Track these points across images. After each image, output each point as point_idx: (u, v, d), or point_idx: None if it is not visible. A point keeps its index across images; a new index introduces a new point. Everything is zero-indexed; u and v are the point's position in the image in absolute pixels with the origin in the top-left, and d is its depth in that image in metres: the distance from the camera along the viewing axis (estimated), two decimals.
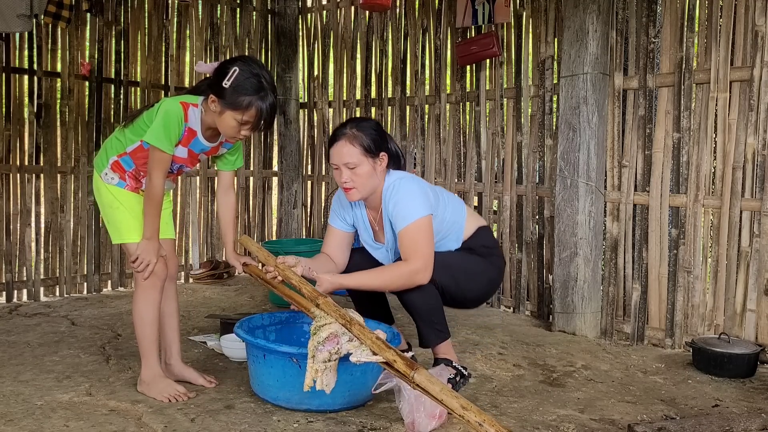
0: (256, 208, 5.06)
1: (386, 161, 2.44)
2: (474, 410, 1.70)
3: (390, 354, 1.89)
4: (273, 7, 5.07)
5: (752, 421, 2.14)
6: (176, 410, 2.19)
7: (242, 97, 2.14)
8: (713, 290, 3.05)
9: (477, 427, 1.66)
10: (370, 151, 2.38)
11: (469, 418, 1.69)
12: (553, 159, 3.59)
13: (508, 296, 3.89)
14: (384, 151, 2.43)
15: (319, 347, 1.99)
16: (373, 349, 1.93)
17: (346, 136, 2.38)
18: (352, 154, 2.36)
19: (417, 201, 2.36)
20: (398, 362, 1.86)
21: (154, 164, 2.22)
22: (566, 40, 3.32)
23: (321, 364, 1.99)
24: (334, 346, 1.99)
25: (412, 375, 1.81)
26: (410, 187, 2.40)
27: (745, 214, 2.93)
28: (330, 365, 2.00)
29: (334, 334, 2.00)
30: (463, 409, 1.71)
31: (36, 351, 2.83)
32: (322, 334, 2.00)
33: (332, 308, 2.06)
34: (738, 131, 2.95)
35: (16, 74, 3.84)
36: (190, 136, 2.28)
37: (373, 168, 2.40)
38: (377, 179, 2.43)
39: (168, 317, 2.48)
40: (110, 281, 4.23)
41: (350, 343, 1.99)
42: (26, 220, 3.88)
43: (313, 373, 1.99)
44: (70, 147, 4.03)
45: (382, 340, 1.95)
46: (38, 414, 2.13)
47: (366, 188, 2.41)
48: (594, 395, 2.48)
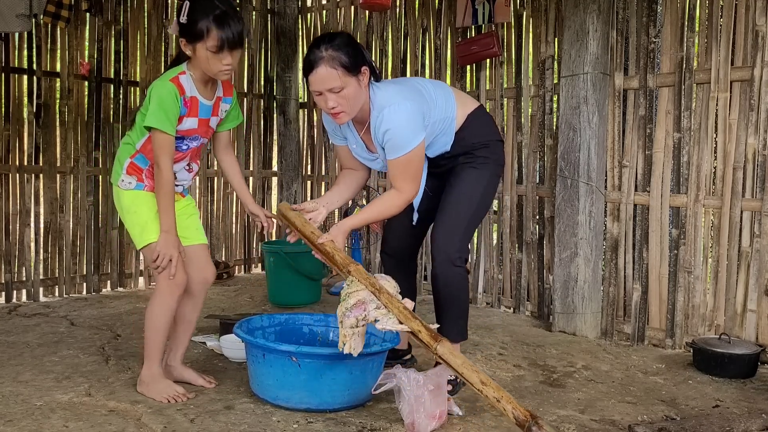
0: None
1: (368, 75, 2.30)
2: (493, 386, 1.75)
3: (416, 324, 1.94)
4: (273, 6, 5.06)
5: (753, 422, 2.14)
6: (176, 411, 2.18)
7: (199, 25, 2.11)
8: (714, 290, 3.04)
9: (495, 403, 1.71)
10: (352, 69, 2.23)
11: (488, 393, 1.74)
12: (553, 159, 3.58)
13: (508, 296, 3.88)
14: (363, 64, 2.27)
15: (347, 313, 2.04)
16: (400, 318, 1.97)
17: (323, 60, 2.22)
18: (335, 77, 2.21)
19: (407, 131, 2.27)
20: (423, 333, 1.92)
21: (159, 149, 2.19)
22: (566, 40, 3.32)
23: (348, 329, 2.04)
24: (361, 313, 2.03)
25: (435, 347, 1.86)
26: (399, 117, 2.26)
27: (745, 214, 2.93)
28: (357, 331, 2.04)
29: (361, 301, 2.04)
30: (482, 384, 1.76)
31: (35, 351, 2.83)
32: (350, 301, 2.05)
33: (363, 275, 2.10)
34: (738, 131, 2.94)
35: (15, 74, 3.84)
36: (193, 104, 2.25)
37: (359, 85, 2.26)
38: (363, 96, 2.30)
39: (186, 323, 2.45)
40: (109, 281, 4.23)
41: (377, 310, 2.03)
42: (25, 220, 3.88)
43: (342, 338, 2.04)
44: (69, 147, 4.02)
45: (408, 310, 1.99)
46: (38, 414, 2.13)
47: (354, 108, 2.30)
48: (594, 396, 2.48)
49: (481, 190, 2.50)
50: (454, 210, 2.46)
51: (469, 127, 2.49)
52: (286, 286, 3.86)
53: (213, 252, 4.77)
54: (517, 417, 1.73)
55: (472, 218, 2.49)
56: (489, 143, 2.52)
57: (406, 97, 2.31)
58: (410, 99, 2.31)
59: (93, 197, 4.12)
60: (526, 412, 1.73)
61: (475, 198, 2.48)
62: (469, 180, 2.49)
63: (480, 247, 3.98)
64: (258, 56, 5.01)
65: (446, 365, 1.87)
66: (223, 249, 4.85)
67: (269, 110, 5.11)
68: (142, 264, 4.44)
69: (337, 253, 2.22)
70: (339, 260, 2.20)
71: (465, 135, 2.49)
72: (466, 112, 2.51)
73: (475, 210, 2.49)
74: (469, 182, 2.49)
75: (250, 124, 4.97)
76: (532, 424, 1.71)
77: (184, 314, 2.42)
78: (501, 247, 3.90)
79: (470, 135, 2.49)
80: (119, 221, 4.23)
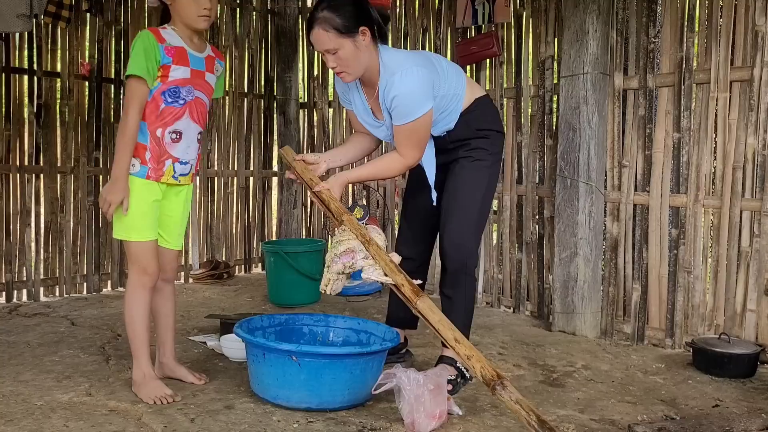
0: (256, 208, 5.06)
1: (368, 35, 2.28)
2: (466, 344, 1.85)
3: (399, 278, 2.01)
4: (273, 7, 5.07)
5: (752, 422, 2.14)
6: (176, 410, 2.19)
7: None
8: (713, 290, 3.04)
9: (465, 360, 1.81)
10: (347, 31, 2.23)
11: (459, 350, 1.84)
12: (553, 159, 3.59)
13: (508, 296, 3.89)
14: (364, 25, 2.26)
15: (335, 259, 2.10)
16: (386, 270, 2.03)
17: (318, 21, 2.24)
18: (329, 39, 2.23)
19: (416, 98, 2.26)
20: (405, 286, 1.99)
21: (128, 96, 2.19)
22: (566, 40, 3.32)
23: (334, 274, 2.10)
24: (349, 260, 2.09)
25: (416, 302, 1.93)
26: (409, 83, 2.25)
27: (745, 214, 2.93)
28: (342, 277, 2.11)
29: (351, 249, 2.10)
30: (455, 341, 1.85)
31: (36, 351, 2.83)
32: (340, 248, 2.11)
33: (354, 226, 2.15)
34: (738, 131, 2.94)
35: (15, 74, 3.84)
36: (180, 53, 2.25)
37: (355, 47, 2.25)
38: (365, 56, 2.29)
39: (163, 317, 2.48)
40: (110, 281, 4.23)
41: (365, 260, 2.09)
42: (26, 220, 3.88)
43: (326, 280, 2.12)
44: (69, 147, 4.03)
45: (394, 264, 2.05)
46: (38, 414, 2.13)
47: (356, 68, 2.30)
48: (594, 395, 2.48)
49: (482, 191, 2.52)
50: (460, 216, 2.47)
51: (475, 111, 2.50)
52: (286, 286, 3.86)
53: (213, 252, 4.77)
54: (484, 375, 1.81)
55: (478, 222, 2.51)
56: (491, 133, 2.53)
57: (417, 63, 2.31)
58: (422, 65, 2.30)
59: (93, 197, 4.12)
60: (493, 372, 1.81)
61: (476, 202, 2.50)
62: (470, 181, 2.49)
63: (480, 247, 3.99)
64: (258, 56, 5.01)
65: (424, 320, 1.94)
66: (223, 249, 4.85)
67: (269, 110, 5.11)
68: None
69: (333, 202, 2.27)
70: (334, 208, 2.26)
71: (470, 118, 2.49)
72: (474, 95, 2.52)
73: (479, 215, 2.51)
74: (470, 184, 2.49)
75: (250, 124, 4.97)
76: (497, 383, 1.78)
77: (158, 309, 2.45)
78: (501, 247, 3.91)
79: (475, 119, 2.49)
80: None
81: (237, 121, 4.89)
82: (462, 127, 2.49)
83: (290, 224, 5.11)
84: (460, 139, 2.51)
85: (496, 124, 2.56)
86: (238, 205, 4.93)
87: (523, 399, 1.86)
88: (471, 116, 2.49)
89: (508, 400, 1.73)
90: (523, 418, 1.79)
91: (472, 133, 2.49)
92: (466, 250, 2.49)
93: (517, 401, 1.74)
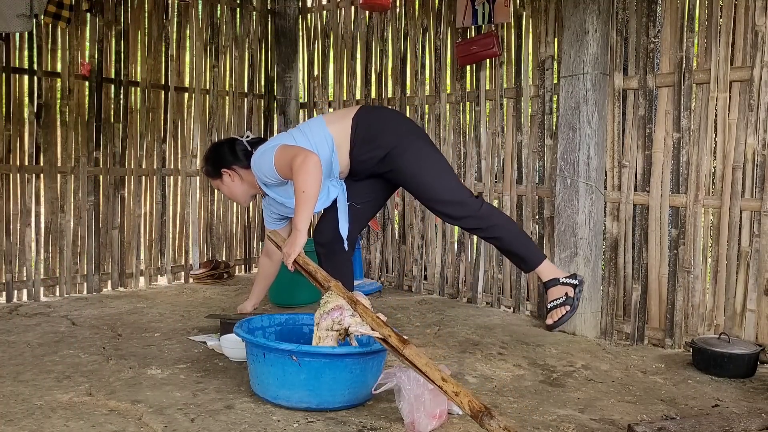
0: (256, 208, 5.06)
1: (231, 173, 2.85)
2: (452, 383, 1.90)
3: (386, 330, 2.10)
4: (273, 7, 5.07)
5: (752, 421, 2.14)
6: (176, 410, 2.19)
7: None
8: (713, 290, 3.05)
9: (453, 396, 1.87)
10: (213, 175, 2.89)
11: (447, 389, 1.90)
12: (553, 159, 3.59)
13: (507, 296, 3.89)
14: (225, 167, 2.84)
15: (324, 316, 2.22)
16: (372, 326, 2.15)
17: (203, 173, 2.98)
18: (211, 181, 2.95)
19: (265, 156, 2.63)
20: (392, 337, 2.07)
21: None
22: (566, 40, 3.32)
23: (324, 331, 2.21)
24: (338, 316, 2.20)
25: (403, 350, 2.01)
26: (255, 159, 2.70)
27: (745, 214, 2.94)
28: (331, 334, 2.21)
29: (339, 306, 2.22)
30: (442, 380, 1.91)
31: (36, 351, 2.83)
32: (328, 306, 2.23)
33: (341, 290, 2.28)
34: (738, 131, 2.95)
35: (16, 74, 3.84)
36: None
37: (225, 184, 2.88)
38: (239, 186, 2.87)
39: None
40: (110, 281, 4.23)
41: (352, 318, 2.20)
42: (26, 220, 3.88)
43: (316, 339, 2.22)
44: (70, 147, 4.03)
45: (381, 320, 2.16)
46: (38, 414, 2.13)
47: (237, 197, 2.92)
48: (594, 395, 2.48)
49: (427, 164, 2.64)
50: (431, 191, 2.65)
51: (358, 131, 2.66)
52: (286, 286, 3.86)
53: (213, 252, 4.78)
54: (472, 408, 1.84)
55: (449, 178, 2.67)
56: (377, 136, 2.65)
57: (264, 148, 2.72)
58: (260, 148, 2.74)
59: (94, 197, 4.12)
60: (481, 405, 1.85)
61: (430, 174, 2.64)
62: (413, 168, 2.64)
63: (480, 247, 3.99)
64: (258, 56, 5.01)
65: (411, 366, 2.00)
66: (223, 249, 4.86)
67: (269, 110, 5.11)
68: (143, 264, 4.46)
69: (319, 272, 2.41)
70: (320, 277, 2.39)
71: (359, 139, 2.65)
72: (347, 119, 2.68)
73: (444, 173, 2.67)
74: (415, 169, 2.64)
75: (250, 124, 4.97)
76: (485, 413, 1.82)
77: None
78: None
79: (364, 138, 2.65)
80: (119, 221, 4.24)
81: (237, 122, 4.90)
82: (359, 164, 2.69)
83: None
84: (372, 158, 2.66)
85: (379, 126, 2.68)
86: (238, 205, 4.93)
87: (512, 425, 1.93)
88: (359, 138, 2.65)
89: (497, 427, 1.78)
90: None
91: (374, 146, 2.65)
92: (459, 200, 2.63)
93: (506, 428, 1.78)
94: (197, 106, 4.62)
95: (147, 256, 4.46)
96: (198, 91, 4.62)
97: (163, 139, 4.45)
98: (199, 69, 4.62)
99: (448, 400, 2.17)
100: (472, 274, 4.05)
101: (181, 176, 4.57)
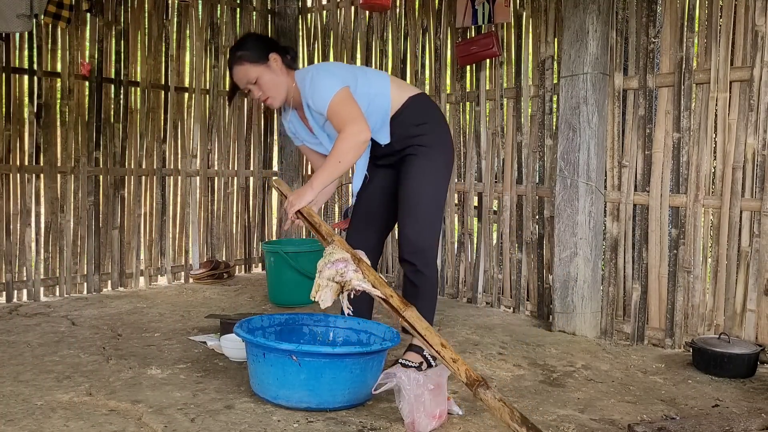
0: (256, 208, 5.06)
1: (279, 59, 2.52)
2: (450, 350, 1.92)
3: (389, 290, 2.09)
4: (273, 7, 5.07)
5: (752, 421, 2.14)
6: (176, 410, 2.19)
7: None
8: (713, 290, 3.05)
9: (450, 363, 1.89)
10: (259, 60, 2.49)
11: (445, 355, 1.92)
12: (553, 159, 3.59)
13: (507, 296, 3.89)
14: (272, 51, 2.52)
15: (328, 265, 2.14)
16: (374, 284, 2.11)
17: (234, 61, 2.52)
18: (246, 71, 2.50)
19: (327, 81, 2.42)
20: (394, 298, 2.07)
21: None
22: (566, 40, 3.32)
23: (325, 280, 2.14)
24: (342, 267, 2.13)
25: (404, 311, 2.02)
26: (319, 73, 2.47)
27: (745, 214, 2.93)
28: (332, 285, 2.14)
29: (344, 258, 2.15)
30: (441, 346, 1.93)
31: (36, 351, 2.83)
32: (334, 256, 2.16)
33: (345, 246, 2.22)
34: (738, 131, 2.95)
35: (16, 74, 3.84)
36: None
37: (271, 71, 2.51)
38: (282, 78, 2.53)
39: None
40: (110, 281, 4.23)
41: (355, 273, 2.14)
42: (26, 220, 3.88)
43: (316, 286, 2.15)
44: (70, 147, 4.03)
45: (382, 279, 2.13)
46: (38, 414, 2.13)
47: (278, 92, 2.53)
48: (594, 395, 2.48)
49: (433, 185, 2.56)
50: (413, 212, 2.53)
51: (409, 107, 2.57)
52: (286, 286, 3.86)
53: (213, 252, 4.77)
54: (469, 377, 1.88)
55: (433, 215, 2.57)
56: (428, 127, 2.58)
57: (327, 66, 2.57)
58: (324, 64, 2.57)
59: (94, 197, 4.12)
60: (478, 375, 1.87)
61: (428, 196, 2.55)
62: (419, 177, 2.55)
63: (480, 247, 3.99)
64: None
65: (411, 329, 2.01)
66: (223, 249, 4.86)
67: (269, 110, 5.11)
68: (143, 264, 4.46)
69: (323, 225, 2.32)
70: (324, 230, 2.30)
71: (405, 115, 2.56)
72: (407, 94, 2.60)
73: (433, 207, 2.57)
74: (420, 179, 2.55)
75: (250, 124, 4.97)
76: (481, 384, 1.84)
77: None
78: (501, 247, 3.91)
79: (410, 114, 2.57)
80: (119, 221, 4.24)
81: (237, 121, 4.90)
82: (398, 127, 2.56)
83: None
84: (401, 138, 2.57)
85: (433, 117, 2.62)
86: (238, 205, 4.94)
87: (505, 398, 1.91)
88: (405, 113, 2.56)
89: (492, 398, 1.79)
90: (506, 415, 1.82)
91: (411, 129, 2.56)
92: (423, 242, 2.54)
93: (500, 399, 1.79)
94: (197, 106, 4.62)
95: (147, 256, 4.46)
96: (198, 91, 4.62)
97: (163, 139, 4.45)
98: (199, 69, 4.62)
99: (448, 399, 2.18)
100: (472, 274, 4.05)
101: (181, 176, 4.57)
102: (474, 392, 1.83)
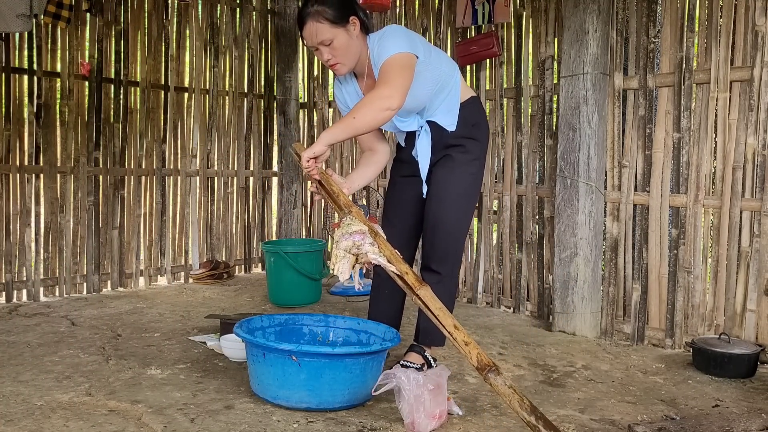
0: (256, 208, 5.06)
1: (358, 24, 2.34)
2: (463, 332, 1.90)
3: (404, 266, 2.06)
4: (273, 6, 5.07)
5: (752, 422, 2.14)
6: (176, 410, 2.19)
7: None
8: (713, 290, 3.05)
9: (462, 346, 1.86)
10: (339, 21, 2.30)
11: (457, 336, 1.89)
12: (553, 159, 3.59)
13: (507, 296, 3.89)
14: (352, 14, 2.33)
15: (345, 236, 2.10)
16: (390, 259, 2.06)
17: (310, 15, 2.30)
18: (322, 30, 2.29)
19: (398, 41, 2.27)
20: (409, 275, 2.03)
21: None
22: (566, 40, 3.32)
23: (342, 251, 2.09)
24: (359, 239, 2.09)
25: (419, 289, 1.99)
26: (395, 31, 2.31)
27: (745, 214, 2.93)
28: (348, 257, 2.10)
29: (362, 231, 2.10)
30: (454, 328, 1.91)
31: (36, 351, 2.83)
32: (352, 227, 2.11)
33: (362, 218, 2.16)
34: (738, 131, 2.94)
35: (15, 74, 3.84)
36: None
37: (348, 35, 2.32)
38: (357, 45, 2.35)
39: None
40: (110, 281, 4.23)
41: (372, 246, 2.09)
42: (26, 220, 3.88)
43: (334, 258, 2.11)
44: (69, 147, 4.03)
45: (399, 255, 2.09)
46: (38, 414, 2.13)
47: (349, 58, 2.35)
48: (594, 395, 2.48)
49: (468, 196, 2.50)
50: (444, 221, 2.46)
51: (471, 107, 2.51)
52: (286, 286, 3.86)
53: (213, 252, 4.77)
54: (480, 361, 1.85)
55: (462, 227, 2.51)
56: (480, 134, 2.53)
57: (401, 27, 2.38)
58: (404, 28, 2.37)
59: (93, 197, 4.12)
60: (489, 360, 1.85)
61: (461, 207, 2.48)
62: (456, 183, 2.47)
63: (480, 247, 3.99)
64: (258, 56, 5.01)
65: (424, 307, 1.98)
66: (223, 249, 4.86)
67: (269, 110, 5.11)
68: (143, 264, 4.46)
69: (342, 195, 2.25)
70: (342, 201, 2.24)
71: (467, 114, 2.50)
72: (470, 93, 2.55)
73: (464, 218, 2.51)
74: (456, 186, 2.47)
75: (250, 124, 4.97)
76: (492, 369, 1.83)
77: None
78: (501, 247, 3.91)
79: (470, 115, 2.50)
80: (119, 221, 4.24)
81: (237, 121, 4.89)
82: (461, 123, 2.48)
83: (290, 224, 5.12)
84: (455, 136, 2.49)
85: (485, 123, 2.59)
86: (238, 205, 4.94)
87: (516, 386, 1.89)
88: (468, 112, 2.50)
89: (502, 384, 1.77)
90: (516, 402, 1.82)
91: (467, 131, 2.49)
92: (452, 255, 2.49)
93: (511, 386, 1.78)
94: (197, 106, 4.62)
95: (147, 256, 4.46)
96: (198, 91, 4.62)
97: (162, 139, 4.45)
98: (199, 69, 4.62)
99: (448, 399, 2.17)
100: (472, 274, 4.05)
101: (180, 176, 4.57)
102: (484, 377, 1.81)
